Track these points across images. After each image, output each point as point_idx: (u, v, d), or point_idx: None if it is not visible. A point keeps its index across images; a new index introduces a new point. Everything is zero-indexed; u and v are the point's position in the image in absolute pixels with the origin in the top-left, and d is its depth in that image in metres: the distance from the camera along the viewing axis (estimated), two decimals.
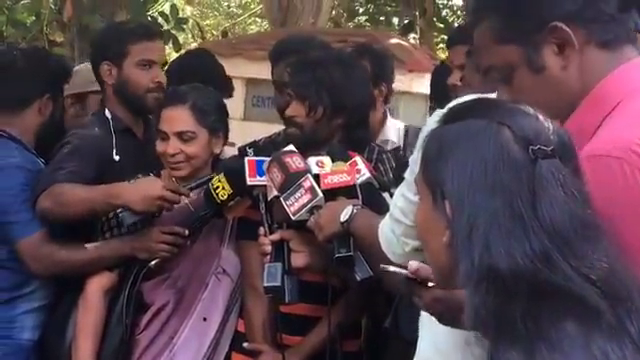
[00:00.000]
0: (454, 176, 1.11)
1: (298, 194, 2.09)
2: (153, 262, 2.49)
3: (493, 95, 1.61)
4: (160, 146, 2.53)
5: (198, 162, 2.54)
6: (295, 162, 2.15)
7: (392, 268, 1.43)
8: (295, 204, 2.10)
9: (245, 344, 2.45)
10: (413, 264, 1.36)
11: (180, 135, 2.51)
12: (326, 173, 2.13)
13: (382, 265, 1.54)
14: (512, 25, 1.38)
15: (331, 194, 2.10)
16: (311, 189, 2.08)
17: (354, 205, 2.00)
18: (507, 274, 1.03)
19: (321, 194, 2.08)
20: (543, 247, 1.04)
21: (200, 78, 2.94)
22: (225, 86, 3.29)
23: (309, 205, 2.08)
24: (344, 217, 1.98)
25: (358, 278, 2.05)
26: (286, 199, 2.11)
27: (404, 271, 1.37)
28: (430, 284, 1.37)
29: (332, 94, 2.37)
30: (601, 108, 1.34)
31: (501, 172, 1.09)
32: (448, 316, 1.35)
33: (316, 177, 2.13)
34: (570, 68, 1.35)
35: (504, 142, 1.10)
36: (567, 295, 1.02)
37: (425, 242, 1.22)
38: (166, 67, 3.25)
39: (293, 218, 2.11)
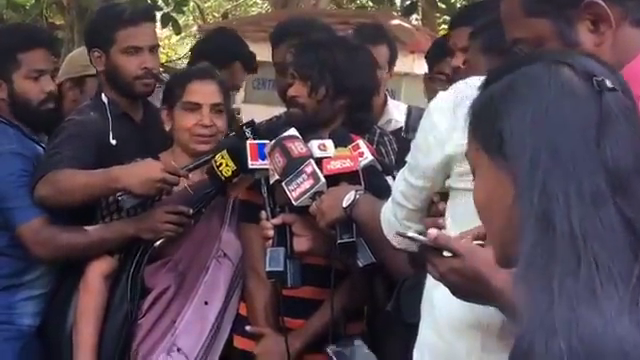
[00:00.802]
0: (514, 124, 1.05)
1: (300, 179, 2.08)
2: (158, 242, 2.49)
3: None
4: (189, 118, 2.52)
5: (219, 138, 2.54)
6: (297, 147, 2.14)
7: (410, 233, 1.40)
8: (297, 189, 2.08)
9: (247, 327, 2.45)
10: (433, 231, 1.33)
11: (214, 107, 2.54)
12: (329, 159, 2.11)
13: (399, 231, 1.52)
14: None
15: (333, 180, 2.08)
16: (313, 174, 2.07)
17: (356, 190, 1.98)
18: (558, 225, 0.97)
19: (323, 179, 2.07)
20: (598, 189, 0.99)
21: (229, 54, 3.01)
22: (251, 62, 3.29)
23: (311, 191, 2.07)
24: (346, 203, 1.96)
25: (360, 264, 2.04)
26: (288, 184, 2.10)
27: (423, 238, 1.34)
28: (446, 254, 1.34)
29: (335, 75, 2.36)
30: (633, 88, 1.32)
31: (564, 109, 1.02)
32: (463, 288, 1.33)
33: (319, 162, 2.11)
34: (604, 45, 1.32)
35: (565, 79, 1.04)
36: (607, 267, 0.96)
37: (488, 217, 1.14)
38: (194, 46, 3.26)
39: (295, 204, 2.10)
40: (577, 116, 1.02)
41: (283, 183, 2.11)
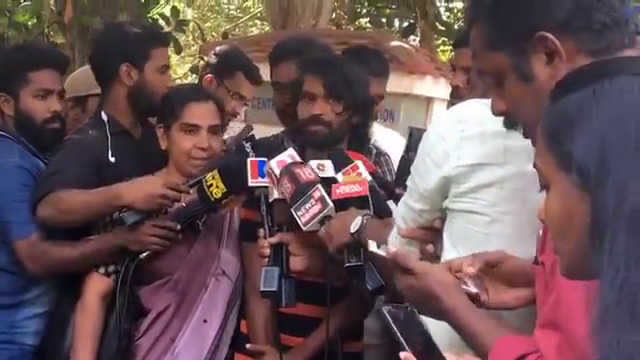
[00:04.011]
0: (595, 145, 0.99)
1: (308, 204, 2.09)
2: (144, 254, 2.50)
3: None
4: (187, 140, 2.52)
5: (214, 158, 2.55)
6: (305, 173, 2.15)
7: (373, 248, 1.44)
8: (306, 215, 2.09)
9: (248, 345, 2.46)
10: (392, 249, 1.39)
11: (211, 128, 2.55)
12: (338, 183, 2.13)
13: (371, 246, 1.54)
14: (501, 33, 1.37)
15: (342, 204, 2.09)
16: (321, 199, 2.08)
17: (364, 216, 1.99)
18: None
19: (331, 204, 2.08)
20: None
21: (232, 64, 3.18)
22: (253, 72, 3.35)
23: (320, 215, 2.08)
24: (354, 228, 1.97)
25: (369, 287, 2.04)
26: (297, 210, 2.10)
27: (383, 254, 1.39)
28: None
29: (356, 92, 2.41)
30: None
31: None
32: (419, 304, 1.37)
33: (328, 186, 2.12)
34: (559, 77, 1.30)
35: None
36: None
37: (562, 232, 1.09)
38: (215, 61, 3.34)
39: (304, 229, 2.10)
40: None
41: (292, 209, 2.11)
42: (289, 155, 2.25)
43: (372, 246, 1.45)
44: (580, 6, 1.31)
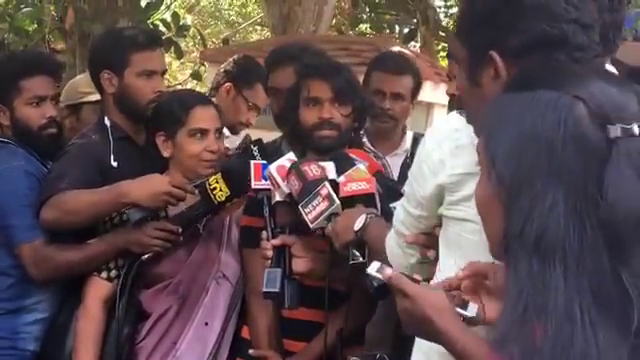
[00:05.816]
0: (513, 156, 1.02)
1: (315, 202, 2.09)
2: (145, 256, 2.50)
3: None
4: (197, 145, 2.52)
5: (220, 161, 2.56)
6: (313, 170, 2.15)
7: (370, 271, 1.44)
8: (313, 212, 2.09)
9: (251, 351, 2.46)
10: (387, 271, 1.39)
11: (217, 131, 2.57)
12: (346, 180, 2.13)
13: (369, 269, 1.55)
14: (469, 32, 1.41)
15: (350, 201, 2.09)
16: (328, 197, 2.08)
17: (368, 214, 1.99)
18: (553, 307, 0.95)
19: (338, 202, 2.08)
20: (597, 256, 0.96)
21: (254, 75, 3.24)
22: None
23: (326, 213, 2.08)
24: (357, 226, 1.98)
25: (375, 284, 2.04)
26: (304, 207, 2.10)
27: (380, 276, 1.40)
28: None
29: (360, 96, 2.44)
30: None
31: (569, 157, 0.98)
32: (412, 326, 1.38)
33: (336, 184, 2.13)
34: None
35: (576, 120, 0.99)
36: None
37: (485, 215, 1.14)
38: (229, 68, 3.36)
39: (311, 226, 2.10)
40: (582, 167, 0.98)
41: (299, 206, 2.11)
42: (288, 159, 2.25)
43: (371, 268, 1.45)
44: (540, 41, 1.31)
